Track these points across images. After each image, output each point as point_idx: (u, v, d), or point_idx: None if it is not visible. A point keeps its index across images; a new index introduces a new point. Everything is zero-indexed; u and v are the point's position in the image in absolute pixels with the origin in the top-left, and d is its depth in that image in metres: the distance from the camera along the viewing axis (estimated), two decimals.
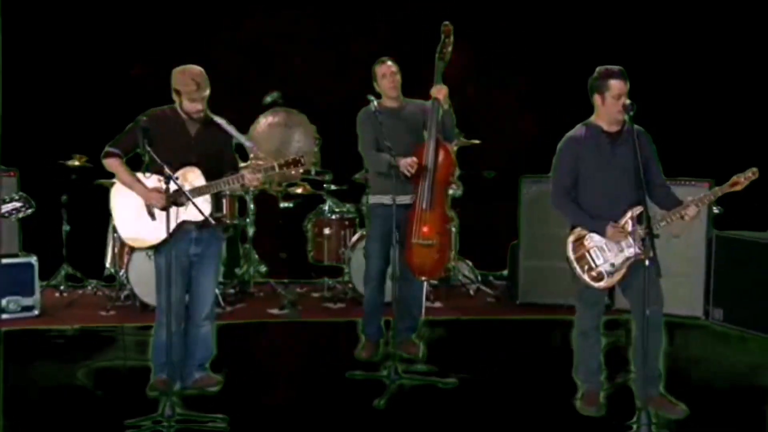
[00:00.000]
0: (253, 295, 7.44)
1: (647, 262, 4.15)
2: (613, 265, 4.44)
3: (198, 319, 4.80)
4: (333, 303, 7.05)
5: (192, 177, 4.52)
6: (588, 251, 4.49)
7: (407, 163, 5.23)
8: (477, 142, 7.36)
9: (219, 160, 4.66)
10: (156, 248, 4.67)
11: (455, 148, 5.83)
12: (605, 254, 4.45)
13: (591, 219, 4.46)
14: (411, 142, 5.44)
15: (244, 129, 7.65)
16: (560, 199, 4.56)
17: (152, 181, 4.56)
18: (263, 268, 7.48)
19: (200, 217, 4.45)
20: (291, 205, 7.56)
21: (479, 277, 7.59)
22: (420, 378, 5.06)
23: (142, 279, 6.52)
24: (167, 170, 4.20)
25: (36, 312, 6.63)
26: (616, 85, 4.36)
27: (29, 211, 3.95)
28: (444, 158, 5.37)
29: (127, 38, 7.73)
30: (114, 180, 4.74)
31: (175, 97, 4.60)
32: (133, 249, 6.31)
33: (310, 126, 7.68)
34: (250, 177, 4.50)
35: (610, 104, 4.39)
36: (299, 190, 7.34)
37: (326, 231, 7.02)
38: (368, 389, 4.82)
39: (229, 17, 8.06)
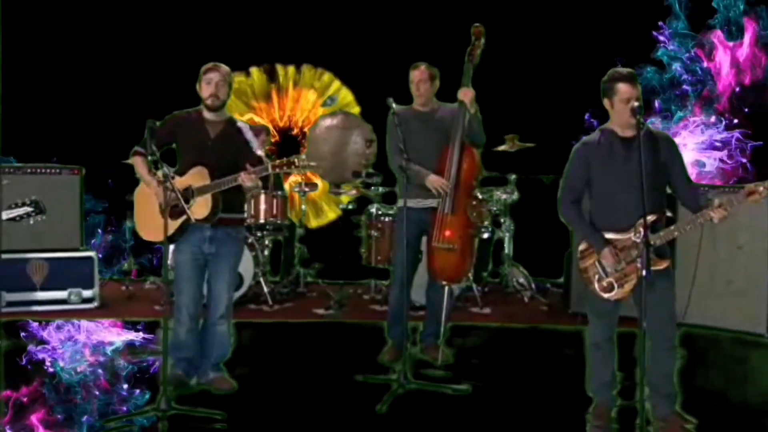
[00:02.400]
0: (304, 294, 7.54)
1: (644, 273, 3.94)
2: (625, 275, 4.25)
3: (214, 318, 4.92)
4: (380, 305, 7.03)
5: (199, 176, 4.65)
6: (598, 260, 4.32)
7: (434, 182, 5.26)
8: (531, 145, 7.20)
9: (233, 165, 4.72)
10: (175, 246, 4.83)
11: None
12: (616, 264, 4.25)
13: (593, 233, 4.31)
14: (439, 146, 5.37)
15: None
16: (566, 206, 4.44)
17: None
18: (314, 269, 7.58)
19: (202, 216, 4.62)
20: (350, 206, 7.64)
21: (533, 284, 7.41)
22: (430, 384, 4.99)
23: None
24: (165, 169, 4.33)
25: (96, 304, 6.95)
26: (623, 89, 4.19)
27: (39, 216, 4.11)
28: (468, 163, 5.28)
29: (186, 43, 8.04)
30: None
31: (198, 89, 4.81)
32: None
33: (367, 128, 7.72)
34: (244, 177, 4.57)
35: (619, 109, 4.23)
36: (353, 192, 7.38)
37: (374, 233, 7.00)
38: (378, 393, 4.79)
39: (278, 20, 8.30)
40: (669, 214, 4.53)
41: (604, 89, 4.30)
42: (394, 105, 5.18)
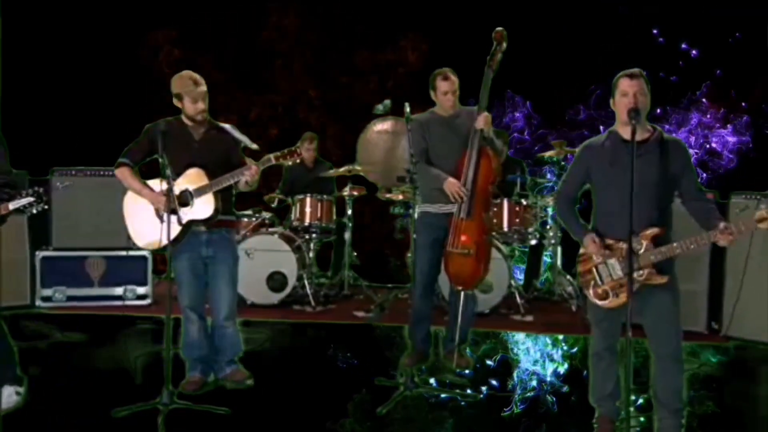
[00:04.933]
0: (351, 297, 7.63)
1: (629, 280, 3.84)
2: (620, 285, 4.13)
3: (219, 320, 5.07)
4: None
5: (196, 178, 4.79)
6: (596, 266, 4.22)
7: (450, 186, 5.24)
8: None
9: (225, 163, 4.85)
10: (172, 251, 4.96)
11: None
12: (614, 272, 4.15)
13: (578, 227, 4.24)
14: (461, 149, 5.34)
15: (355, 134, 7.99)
16: (558, 202, 4.43)
17: (158, 185, 4.84)
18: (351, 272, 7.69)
19: (206, 215, 4.75)
20: (401, 210, 7.70)
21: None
22: (437, 389, 4.98)
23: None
24: (168, 172, 4.51)
25: (149, 300, 7.27)
26: (623, 82, 4.07)
27: (41, 206, 4.38)
28: (484, 168, 5.23)
29: None
30: None
31: (177, 103, 4.86)
32: None
33: None
34: (248, 172, 4.69)
35: (618, 102, 4.10)
36: (400, 196, 7.42)
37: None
38: (387, 396, 4.82)
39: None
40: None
41: (611, 90, 4.20)
42: (408, 110, 5.19)
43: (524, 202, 7.11)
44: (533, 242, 7.36)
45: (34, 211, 4.39)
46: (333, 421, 4.54)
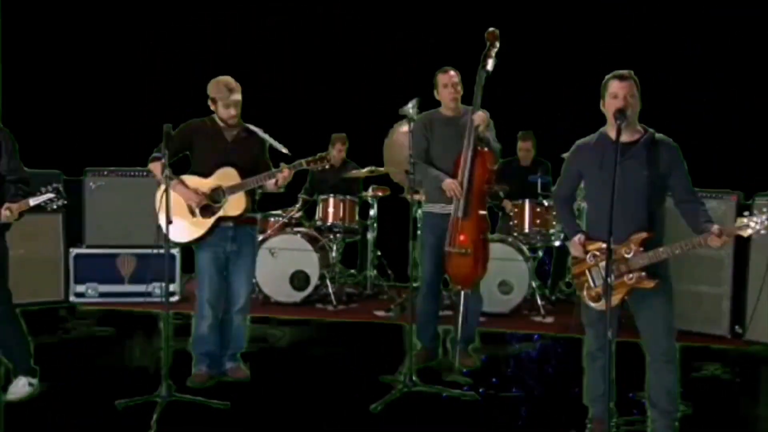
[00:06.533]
0: (374, 296, 7.71)
1: (609, 280, 3.79)
2: (612, 288, 4.09)
3: (232, 312, 5.20)
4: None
5: (229, 176, 4.95)
6: (589, 269, 4.19)
7: (448, 185, 5.28)
8: None
9: (255, 164, 5.04)
10: (196, 245, 5.12)
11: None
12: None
13: (572, 229, 4.24)
14: (461, 150, 5.36)
15: (382, 135, 8.05)
16: (555, 201, 4.47)
17: (192, 181, 5.02)
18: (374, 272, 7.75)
19: (237, 212, 4.95)
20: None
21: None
22: (435, 387, 5.01)
23: (262, 272, 7.20)
24: (167, 172, 4.67)
25: (177, 297, 7.46)
26: (612, 84, 4.03)
27: (61, 202, 4.61)
28: (480, 167, 5.25)
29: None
30: None
31: (211, 105, 5.03)
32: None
33: None
34: (280, 175, 4.89)
35: (607, 104, 4.07)
36: (424, 198, 7.43)
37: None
38: (385, 393, 4.87)
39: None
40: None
41: (601, 91, 4.17)
42: (410, 111, 5.20)
43: (545, 203, 7.08)
44: (557, 243, 7.31)
45: (54, 207, 4.63)
46: (331, 418, 4.60)
